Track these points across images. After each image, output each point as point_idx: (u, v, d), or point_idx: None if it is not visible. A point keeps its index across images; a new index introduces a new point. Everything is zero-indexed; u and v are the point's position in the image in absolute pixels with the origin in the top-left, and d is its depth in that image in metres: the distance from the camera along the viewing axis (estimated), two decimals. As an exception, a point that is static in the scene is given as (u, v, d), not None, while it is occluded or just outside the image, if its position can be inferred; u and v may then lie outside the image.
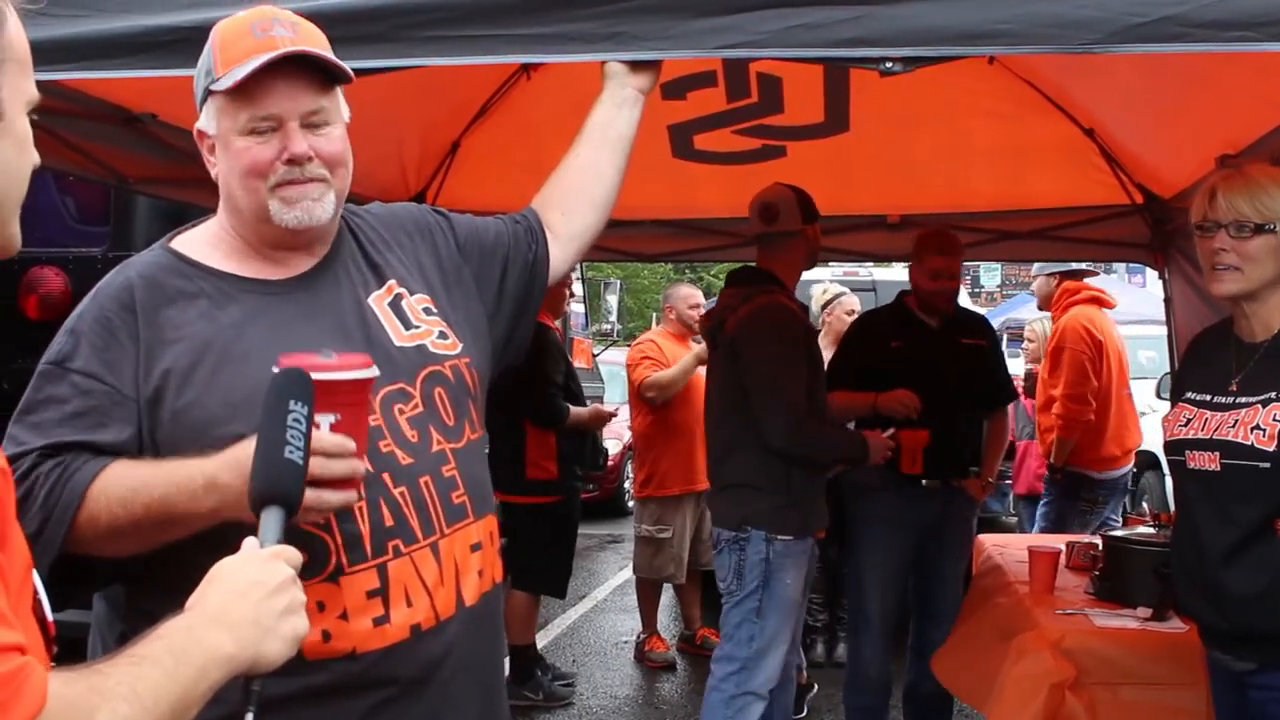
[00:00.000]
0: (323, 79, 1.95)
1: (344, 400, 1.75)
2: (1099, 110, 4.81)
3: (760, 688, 4.22)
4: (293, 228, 1.97)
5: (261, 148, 1.93)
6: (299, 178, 1.94)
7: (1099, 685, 3.41)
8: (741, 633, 4.24)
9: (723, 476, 4.44)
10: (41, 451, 1.84)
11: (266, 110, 1.91)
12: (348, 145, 2.02)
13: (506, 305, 2.33)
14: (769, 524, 4.23)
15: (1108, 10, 2.17)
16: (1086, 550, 4.42)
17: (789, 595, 4.26)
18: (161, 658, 1.18)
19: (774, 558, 4.22)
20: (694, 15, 2.30)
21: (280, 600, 1.40)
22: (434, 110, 4.89)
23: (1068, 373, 6.41)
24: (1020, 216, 5.64)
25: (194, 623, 1.27)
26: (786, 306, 4.37)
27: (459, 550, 2.01)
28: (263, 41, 1.90)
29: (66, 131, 3.46)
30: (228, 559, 1.43)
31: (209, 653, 1.25)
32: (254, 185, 1.95)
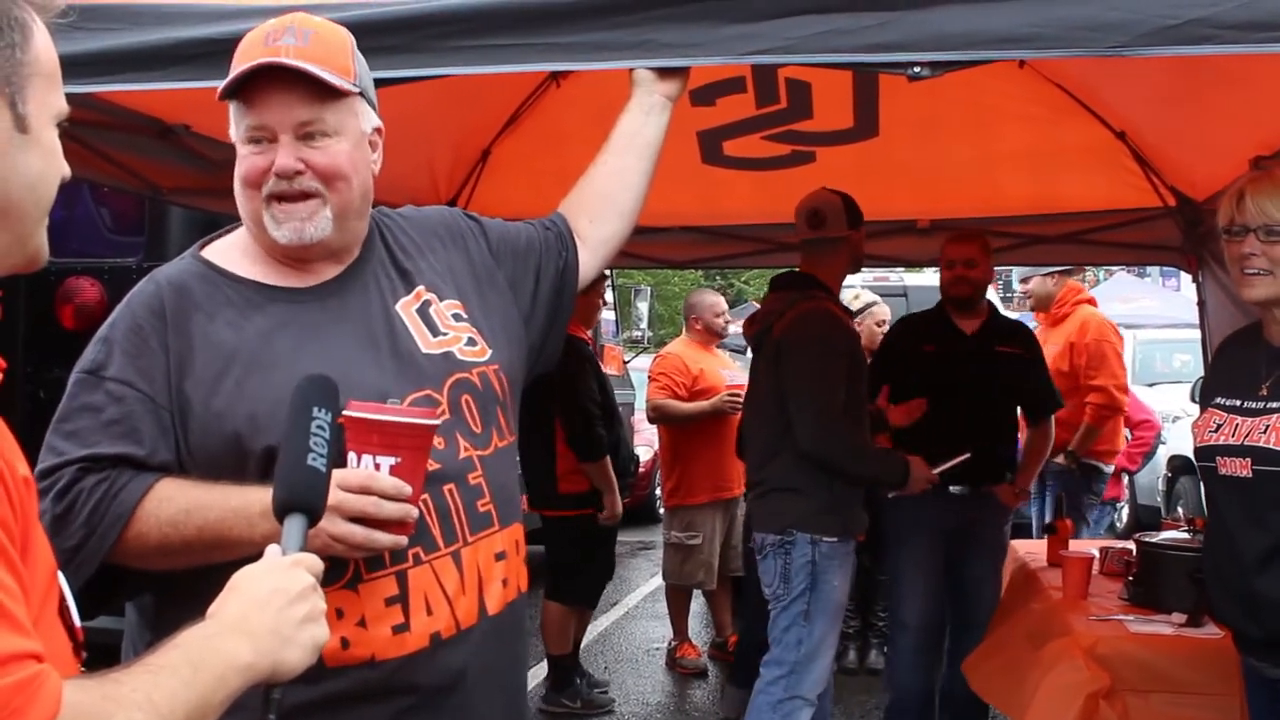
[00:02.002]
0: (323, 90, 1.93)
1: (406, 444, 1.80)
2: (1131, 112, 4.78)
3: (809, 692, 4.21)
4: (283, 245, 1.97)
5: (257, 157, 1.94)
6: (288, 191, 1.93)
7: (1132, 693, 3.39)
8: (790, 636, 4.23)
9: (765, 481, 4.43)
10: (82, 465, 1.85)
11: (260, 120, 1.93)
12: (356, 158, 1.99)
13: (540, 311, 2.33)
14: (813, 526, 4.23)
15: (1137, 12, 2.16)
16: (1120, 556, 4.39)
17: (835, 598, 4.27)
18: (179, 666, 1.18)
19: (820, 560, 4.22)
20: (722, 22, 2.31)
21: (300, 609, 1.40)
22: (465, 119, 4.91)
23: (1113, 363, 6.51)
24: (1051, 220, 5.61)
25: (213, 631, 1.28)
26: (833, 313, 4.38)
27: (483, 559, 2.01)
28: (267, 50, 1.90)
29: (102, 143, 3.50)
30: (248, 567, 1.44)
31: (228, 661, 1.25)
32: (250, 194, 1.96)
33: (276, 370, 1.90)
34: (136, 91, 2.63)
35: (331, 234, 1.98)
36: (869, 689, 6.42)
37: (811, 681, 4.22)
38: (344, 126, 1.97)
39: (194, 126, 3.63)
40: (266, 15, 2.29)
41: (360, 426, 1.81)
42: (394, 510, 1.79)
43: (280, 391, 1.80)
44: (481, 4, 2.38)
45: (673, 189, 4.05)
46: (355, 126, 1.99)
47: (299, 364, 1.90)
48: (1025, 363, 5.08)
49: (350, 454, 1.82)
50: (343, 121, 1.97)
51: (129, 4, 2.49)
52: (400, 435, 1.80)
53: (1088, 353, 6.52)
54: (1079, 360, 6.52)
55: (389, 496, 1.79)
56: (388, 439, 1.80)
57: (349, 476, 1.79)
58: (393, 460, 1.80)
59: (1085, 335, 6.56)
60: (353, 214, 2.02)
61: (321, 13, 2.25)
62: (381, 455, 1.79)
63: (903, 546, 5.09)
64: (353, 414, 1.81)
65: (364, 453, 1.81)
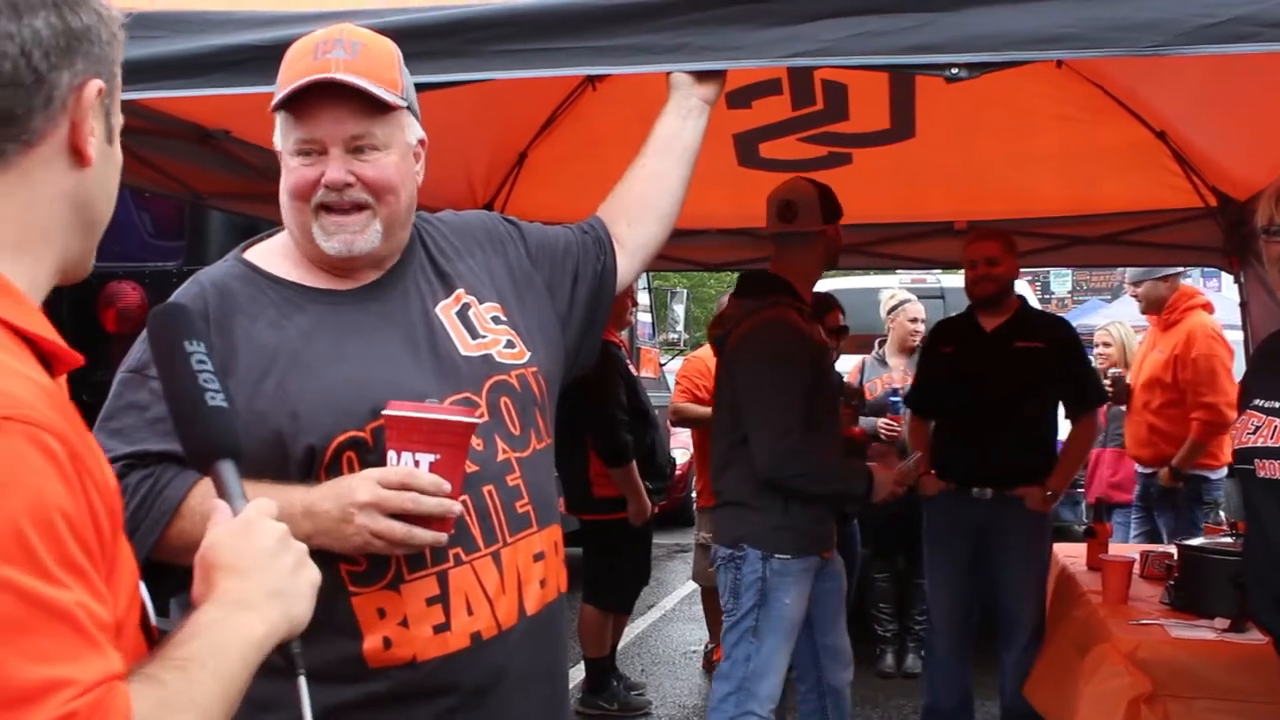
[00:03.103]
0: (373, 104, 1.95)
1: (445, 441, 1.83)
2: (1170, 112, 4.74)
3: (760, 707, 4.06)
4: (331, 256, 1.99)
5: (306, 169, 1.95)
6: (338, 203, 1.96)
7: (1174, 698, 3.36)
8: (738, 652, 4.09)
9: (720, 492, 4.27)
10: (128, 461, 1.87)
11: (311, 133, 1.94)
12: (404, 170, 2.02)
13: (577, 314, 2.34)
14: (764, 543, 4.05)
15: (1176, 12, 2.14)
16: (1161, 560, 4.35)
17: (788, 615, 4.07)
18: (204, 658, 1.18)
19: (770, 576, 4.04)
20: (758, 25, 2.31)
21: (286, 559, 1.35)
22: (501, 122, 4.93)
23: (1223, 379, 6.18)
24: (1090, 221, 5.58)
25: (220, 614, 1.26)
26: (788, 322, 4.08)
27: (521, 559, 2.02)
28: (317, 64, 1.92)
29: (143, 148, 3.54)
30: (214, 539, 1.36)
31: (245, 640, 1.24)
32: (299, 206, 1.98)
33: (318, 370, 1.93)
34: (177, 97, 2.65)
35: (379, 245, 2.01)
36: (907, 693, 6.40)
37: (763, 697, 4.06)
38: (392, 140, 1.99)
39: (234, 132, 3.66)
40: (306, 22, 2.32)
41: (400, 424, 1.83)
42: (433, 506, 1.82)
43: (322, 392, 1.87)
44: (520, 8, 2.39)
45: (709, 191, 4.04)
46: (402, 139, 2.02)
47: (340, 364, 1.94)
48: (1046, 357, 4.89)
49: (390, 451, 1.84)
50: (391, 135, 1.99)
51: (171, 11, 2.52)
52: (439, 432, 1.83)
53: (1195, 368, 6.23)
54: (1183, 374, 6.26)
55: (429, 493, 1.81)
56: (427, 436, 1.82)
57: (389, 473, 1.82)
58: (432, 457, 1.83)
59: (1192, 349, 6.27)
60: (399, 225, 2.05)
61: (361, 18, 2.27)
62: (421, 453, 1.82)
63: (931, 550, 5.13)
64: (393, 412, 1.84)
65: (404, 450, 1.83)
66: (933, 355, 5.31)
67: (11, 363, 1.09)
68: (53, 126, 1.18)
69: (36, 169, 1.18)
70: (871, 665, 6.79)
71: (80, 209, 1.24)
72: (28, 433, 1.03)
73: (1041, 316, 5.29)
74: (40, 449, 1.04)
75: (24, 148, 1.17)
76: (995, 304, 4.98)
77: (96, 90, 1.21)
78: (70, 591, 1.02)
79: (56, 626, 1.01)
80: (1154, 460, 6.46)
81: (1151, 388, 6.46)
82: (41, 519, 1.02)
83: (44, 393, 1.09)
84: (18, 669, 0.97)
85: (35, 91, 1.16)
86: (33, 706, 0.97)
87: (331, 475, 1.90)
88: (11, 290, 1.16)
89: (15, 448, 1.02)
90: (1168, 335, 6.51)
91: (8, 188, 1.17)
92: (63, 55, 1.17)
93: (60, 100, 1.18)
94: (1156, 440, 6.44)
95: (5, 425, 1.02)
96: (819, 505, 4.14)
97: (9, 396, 1.04)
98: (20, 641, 0.98)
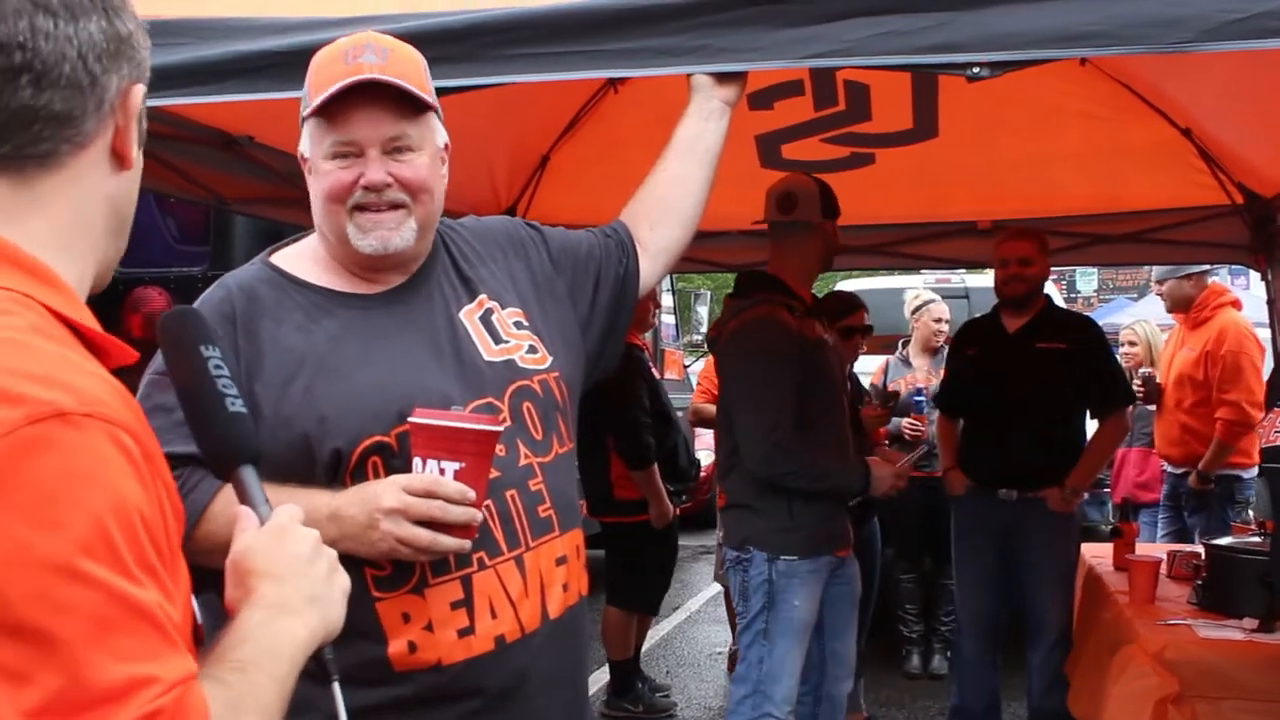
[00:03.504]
0: (408, 106, 1.97)
1: (470, 450, 1.84)
2: (1196, 109, 4.71)
3: (776, 709, 4.03)
4: (367, 254, 2.00)
5: (342, 172, 1.97)
6: (376, 203, 1.97)
7: (1201, 699, 3.33)
8: (752, 654, 4.07)
9: (727, 493, 4.25)
10: None
11: (348, 136, 1.96)
12: (435, 172, 2.04)
13: (599, 318, 2.34)
14: (769, 544, 4.02)
15: (1201, 8, 2.13)
16: (1189, 559, 4.33)
17: (797, 616, 4.03)
18: (261, 662, 1.20)
19: (777, 578, 4.01)
20: (779, 26, 2.30)
21: (321, 565, 1.36)
22: (523, 125, 4.94)
23: (1250, 377, 6.13)
24: (1115, 220, 5.54)
25: (266, 618, 1.26)
26: (775, 320, 4.03)
27: (544, 563, 2.03)
28: (350, 68, 1.93)
29: (168, 154, 3.57)
30: (247, 545, 1.36)
31: (292, 644, 1.26)
32: (334, 209, 1.99)
33: (344, 375, 1.94)
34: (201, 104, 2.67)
35: (413, 244, 2.03)
36: (933, 694, 6.38)
37: (778, 700, 4.03)
38: (425, 141, 2.01)
39: (257, 137, 3.68)
40: (327, 28, 2.33)
41: (426, 432, 1.84)
42: (459, 514, 1.83)
43: (349, 396, 1.89)
44: (540, 12, 2.40)
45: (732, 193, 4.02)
46: (433, 141, 2.04)
47: (367, 369, 1.96)
48: (1069, 358, 4.84)
49: (415, 459, 1.85)
50: (424, 136, 2.01)
51: (193, 19, 2.54)
52: (464, 440, 1.84)
53: (1222, 365, 6.18)
54: (1213, 372, 6.21)
55: (454, 501, 1.83)
56: (452, 444, 1.83)
57: (414, 481, 1.83)
58: (457, 465, 1.83)
59: (1222, 345, 6.22)
60: (431, 226, 2.08)
61: (380, 23, 2.28)
62: (446, 460, 1.83)
63: (958, 551, 5.13)
64: (419, 420, 1.85)
65: (429, 458, 1.84)
66: (958, 356, 5.32)
67: (83, 363, 1.10)
68: (101, 129, 1.21)
69: (85, 171, 1.21)
70: (897, 666, 6.77)
71: (117, 212, 1.27)
72: (108, 430, 1.04)
73: (1067, 316, 5.26)
74: (119, 447, 1.04)
75: (76, 149, 1.19)
76: (1023, 304, 4.95)
77: (141, 94, 1.25)
78: (149, 591, 1.03)
79: (140, 625, 1.01)
80: (1185, 460, 6.40)
81: (1182, 386, 6.40)
82: (123, 517, 1.02)
83: (115, 390, 1.10)
84: (105, 666, 0.98)
85: (90, 94, 1.18)
86: (119, 704, 0.98)
87: (357, 480, 1.91)
88: (65, 288, 1.17)
89: (97, 446, 1.03)
90: (1198, 333, 6.45)
91: (59, 188, 1.19)
92: (112, 59, 1.20)
93: (110, 103, 1.21)
94: (1189, 440, 6.38)
95: (86, 423, 1.02)
96: (825, 503, 4.09)
97: (88, 394, 1.04)
98: (107, 639, 0.99)
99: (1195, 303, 6.50)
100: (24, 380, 1.01)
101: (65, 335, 1.12)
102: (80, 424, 1.02)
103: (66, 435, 1.01)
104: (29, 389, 1.01)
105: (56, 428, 1.00)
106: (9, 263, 1.13)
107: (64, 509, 0.99)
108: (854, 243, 5.88)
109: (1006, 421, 4.84)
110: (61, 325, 1.13)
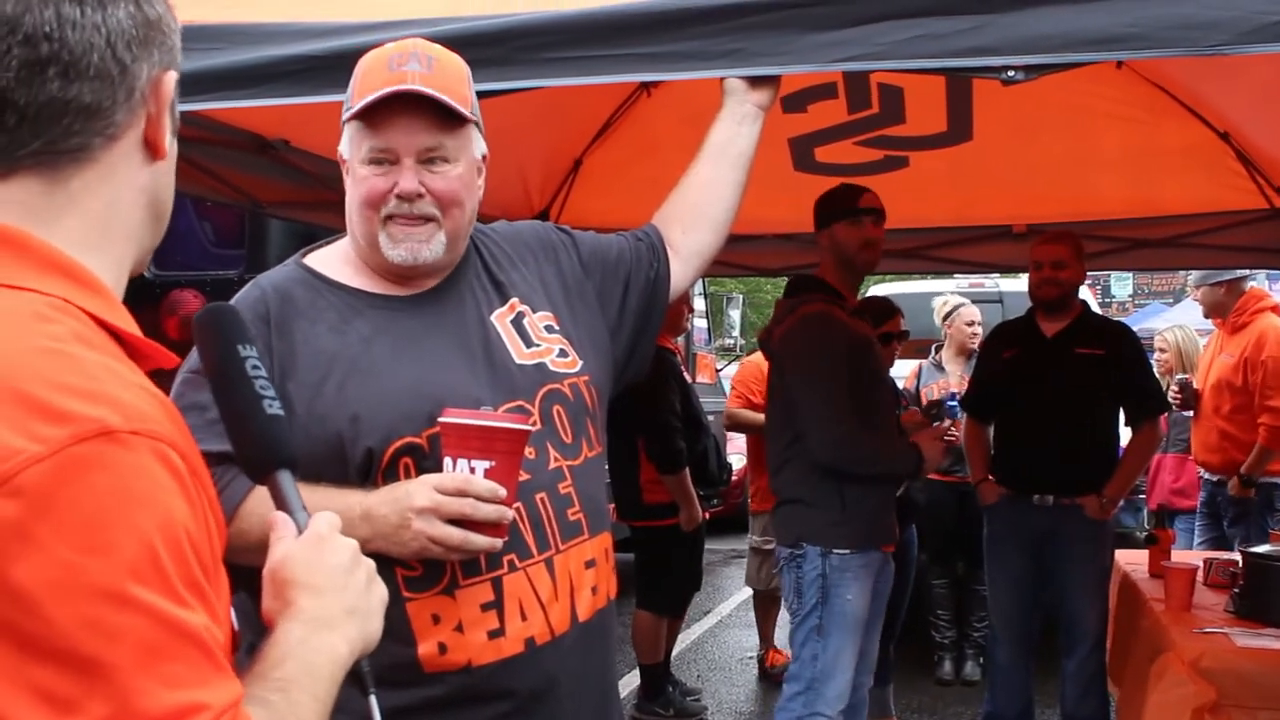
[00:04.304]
0: (446, 117, 1.98)
1: (501, 449, 1.86)
2: (1234, 112, 4.67)
3: (828, 708, 4.04)
4: (396, 264, 2.02)
5: (378, 179, 1.98)
6: (408, 214, 1.99)
7: (1238, 708, 3.30)
8: (805, 651, 4.09)
9: (779, 491, 4.31)
10: None
11: (385, 143, 1.97)
12: (469, 184, 2.05)
13: (628, 322, 2.34)
14: (823, 538, 4.07)
15: (1239, 9, 2.10)
16: (1225, 567, 4.29)
17: (850, 611, 4.07)
18: (302, 679, 1.18)
19: (831, 573, 4.05)
20: (812, 29, 2.29)
21: (360, 576, 1.32)
22: (556, 129, 4.95)
23: None
24: (1152, 224, 5.49)
25: (306, 633, 1.24)
26: (830, 316, 4.15)
27: (574, 566, 2.04)
28: (394, 75, 1.95)
29: (204, 159, 3.59)
30: (285, 554, 1.32)
31: (331, 660, 1.23)
32: (368, 214, 2.00)
33: (377, 375, 1.96)
34: (237, 108, 2.69)
35: (442, 256, 2.04)
36: (965, 700, 6.34)
37: (830, 698, 4.05)
38: (461, 153, 2.02)
39: (293, 141, 3.70)
40: (362, 31, 2.34)
41: (456, 431, 1.86)
42: (490, 512, 1.84)
43: (382, 396, 1.91)
44: (574, 15, 2.40)
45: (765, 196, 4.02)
46: (470, 153, 2.05)
47: (399, 370, 1.97)
48: (1107, 364, 4.81)
49: (446, 458, 1.87)
50: (460, 148, 2.02)
51: (230, 23, 2.55)
52: (495, 439, 1.85)
53: (1264, 370, 6.09)
54: (1254, 377, 6.13)
55: (485, 498, 1.84)
56: (483, 443, 1.85)
57: (446, 480, 1.84)
58: (488, 464, 1.85)
59: (1262, 351, 6.13)
60: (461, 238, 2.09)
61: (416, 27, 2.29)
62: (477, 459, 1.85)
63: (991, 557, 5.10)
64: (449, 420, 1.86)
65: (460, 457, 1.86)
66: (992, 358, 5.27)
67: (127, 374, 1.07)
68: (133, 119, 1.17)
69: (118, 163, 1.17)
70: (929, 672, 6.74)
71: (154, 203, 1.24)
72: (155, 448, 1.01)
73: (1104, 322, 5.19)
74: (165, 465, 1.01)
75: (107, 142, 1.16)
76: (1058, 308, 4.92)
77: (173, 82, 1.21)
78: (197, 614, 1.00)
79: (188, 650, 0.98)
80: (1224, 467, 6.32)
81: (1221, 392, 6.33)
82: (171, 538, 0.99)
83: (160, 403, 1.07)
84: (154, 694, 0.95)
85: (120, 84, 1.15)
86: None
87: (388, 480, 1.92)
88: (105, 291, 1.14)
89: (144, 464, 0.99)
90: (1236, 338, 6.37)
91: (93, 183, 1.16)
92: (142, 46, 1.16)
93: (140, 92, 1.17)
94: (1227, 446, 6.30)
95: (133, 441, 0.99)
96: (875, 498, 4.16)
97: (134, 410, 1.01)
98: (156, 666, 0.96)
99: (1234, 308, 6.43)
100: (69, 395, 0.98)
101: (107, 343, 1.09)
102: (127, 442, 0.99)
103: (114, 454, 0.98)
104: (74, 405, 0.97)
105: (104, 446, 0.97)
106: (47, 266, 1.10)
107: (112, 532, 0.96)
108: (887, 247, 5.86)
109: (1043, 425, 4.80)
110: (102, 332, 1.10)
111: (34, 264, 1.10)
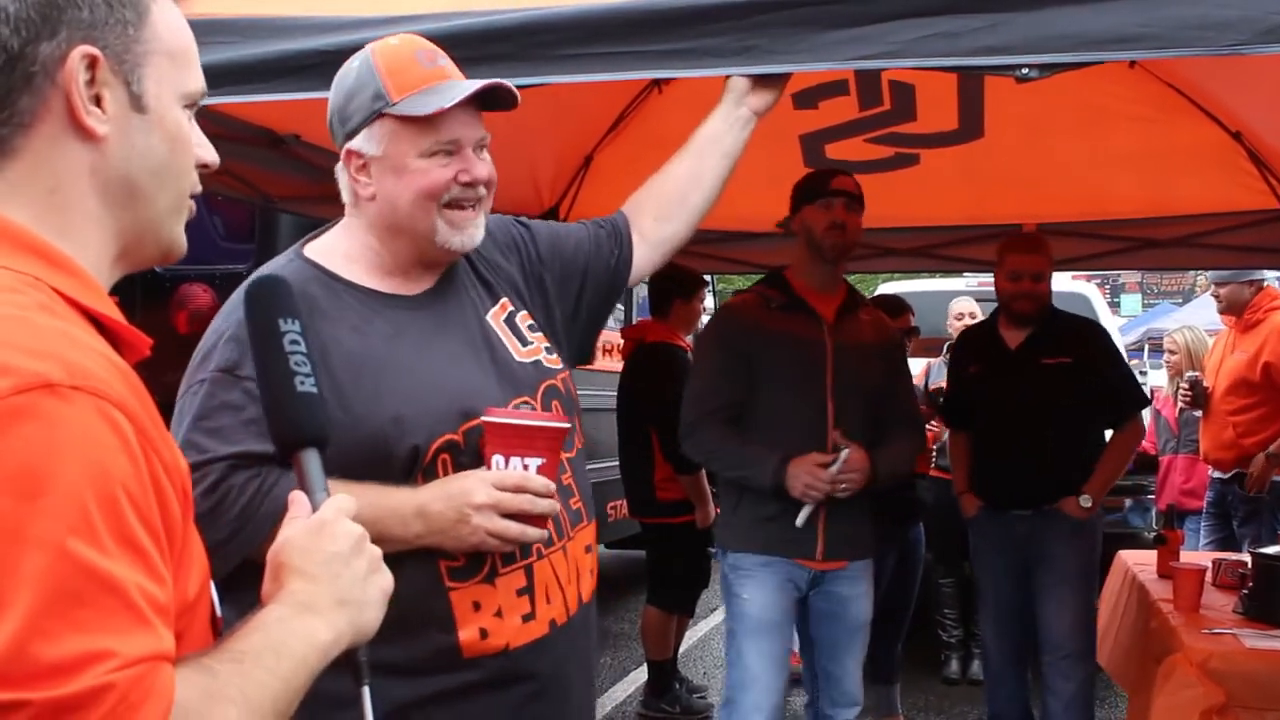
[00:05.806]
0: (480, 107, 2.06)
1: (545, 446, 1.96)
2: (1247, 112, 4.65)
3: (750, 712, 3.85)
4: (455, 249, 2.08)
5: (441, 170, 2.02)
6: (470, 198, 2.05)
7: (1247, 710, 3.29)
8: (728, 660, 4.02)
9: None
10: (232, 461, 1.89)
11: (451, 135, 2.02)
12: None
13: (583, 314, 2.40)
14: (723, 539, 4.04)
15: (1254, 9, 2.10)
16: (1234, 568, 4.27)
17: (751, 613, 3.86)
18: (263, 654, 1.16)
19: (729, 573, 3.94)
20: (826, 27, 2.29)
21: (359, 565, 1.31)
22: (567, 125, 4.95)
23: None
24: (1163, 223, 5.47)
25: (285, 614, 1.23)
26: (728, 309, 4.17)
27: (578, 552, 2.15)
28: (432, 71, 2.02)
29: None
30: (286, 538, 1.32)
31: (307, 643, 1.21)
32: (427, 205, 2.03)
33: (409, 373, 2.00)
34: (248, 103, 2.69)
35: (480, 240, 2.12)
36: (972, 699, 6.33)
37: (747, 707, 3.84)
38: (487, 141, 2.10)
39: (304, 136, 3.71)
40: (374, 26, 2.34)
41: (505, 431, 1.95)
42: (547, 506, 1.96)
43: (419, 394, 1.97)
44: (586, 12, 2.40)
45: (775, 193, 4.03)
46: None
47: (428, 368, 2.02)
48: (1075, 371, 4.60)
49: (496, 456, 1.95)
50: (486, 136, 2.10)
51: (241, 17, 2.56)
52: (541, 438, 1.96)
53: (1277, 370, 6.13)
54: (1268, 375, 6.15)
55: (540, 494, 1.94)
56: (531, 441, 1.95)
57: (505, 477, 1.93)
58: (539, 461, 1.95)
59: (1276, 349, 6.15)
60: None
61: (427, 22, 2.30)
62: (529, 457, 1.94)
63: (978, 566, 5.04)
64: (497, 419, 1.95)
65: (511, 455, 1.95)
66: (960, 370, 5.07)
67: (84, 338, 1.08)
68: (44, 104, 1.14)
69: (46, 150, 1.15)
70: (936, 672, 6.73)
71: (111, 183, 1.19)
72: (96, 405, 1.02)
73: (1070, 324, 4.85)
74: (107, 422, 1.02)
75: (22, 130, 1.14)
76: (1031, 321, 4.71)
77: (82, 57, 1.14)
78: (123, 567, 1.00)
79: (108, 600, 0.99)
80: (1236, 464, 6.31)
81: (1234, 390, 6.32)
82: (104, 492, 1.00)
83: (116, 369, 1.08)
84: (63, 637, 0.96)
85: (10, 70, 1.12)
86: (72, 675, 0.96)
87: (429, 478, 1.97)
88: (78, 272, 1.14)
89: (83, 419, 1.01)
90: (1249, 336, 6.37)
91: (23, 175, 1.14)
92: (38, 27, 1.12)
93: (45, 74, 1.13)
94: (1240, 443, 6.29)
95: (73, 395, 1.01)
96: (770, 505, 3.82)
97: (79, 367, 1.03)
98: (71, 611, 0.97)
99: (1249, 305, 6.44)
100: (16, 352, 1.00)
101: (74, 316, 1.10)
102: (68, 396, 1.00)
103: (51, 406, 1.00)
104: (19, 360, 1.00)
105: (42, 398, 0.99)
106: (19, 246, 1.11)
107: (39, 479, 0.98)
108: (897, 245, 5.87)
109: (1012, 441, 4.65)
110: (75, 310, 1.11)
111: (5, 243, 1.11)
